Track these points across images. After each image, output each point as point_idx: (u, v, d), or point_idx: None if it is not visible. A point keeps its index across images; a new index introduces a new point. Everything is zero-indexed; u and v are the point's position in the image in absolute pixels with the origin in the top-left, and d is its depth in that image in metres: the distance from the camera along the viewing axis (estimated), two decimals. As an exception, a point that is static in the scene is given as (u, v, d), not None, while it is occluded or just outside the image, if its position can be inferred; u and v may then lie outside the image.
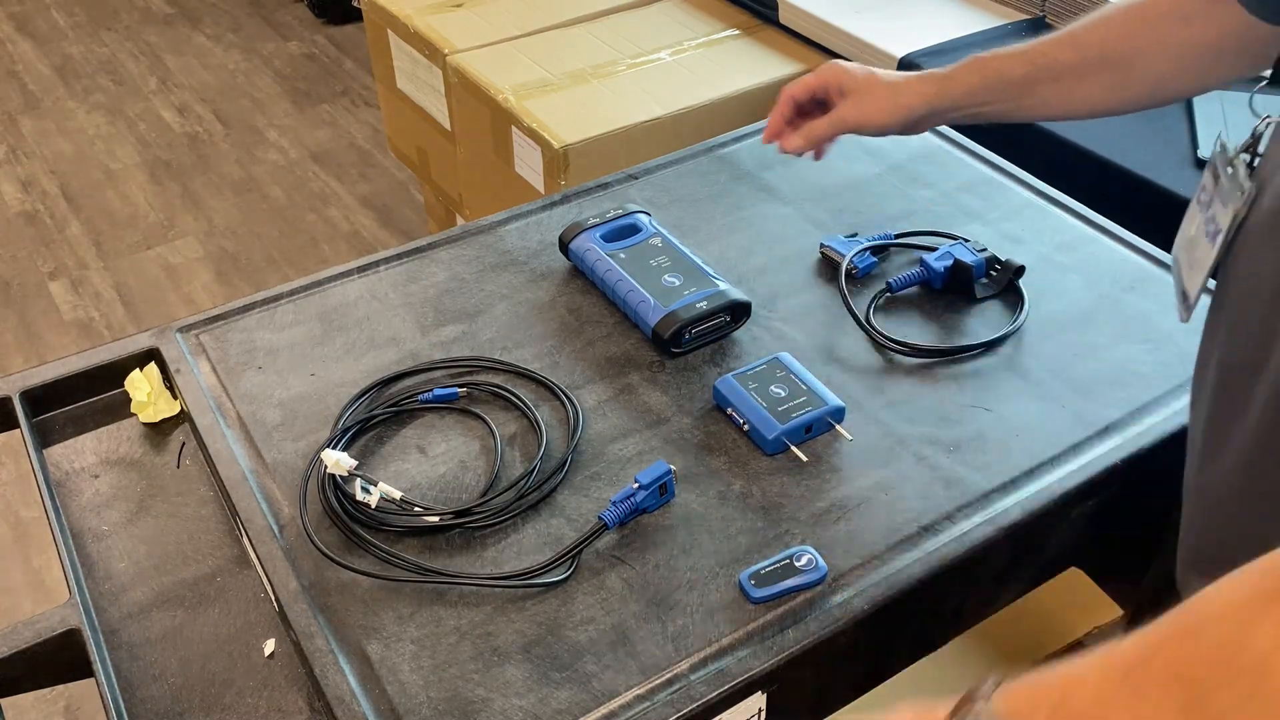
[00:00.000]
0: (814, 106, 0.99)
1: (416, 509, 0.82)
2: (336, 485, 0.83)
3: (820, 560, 0.77)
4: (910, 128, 0.95)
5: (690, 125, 1.67)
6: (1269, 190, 0.63)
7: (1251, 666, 0.34)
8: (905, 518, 0.82)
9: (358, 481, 0.83)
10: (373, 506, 0.82)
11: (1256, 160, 0.67)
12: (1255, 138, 0.68)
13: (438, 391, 0.92)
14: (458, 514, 0.82)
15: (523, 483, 0.84)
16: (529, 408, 0.91)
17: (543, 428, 0.89)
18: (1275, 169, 0.64)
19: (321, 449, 0.86)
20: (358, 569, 0.78)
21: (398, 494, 0.83)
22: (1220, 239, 0.67)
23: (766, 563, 0.78)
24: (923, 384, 0.94)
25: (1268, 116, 0.67)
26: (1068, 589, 1.01)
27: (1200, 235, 0.70)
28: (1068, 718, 0.40)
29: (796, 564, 0.77)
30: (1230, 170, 0.66)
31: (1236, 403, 0.63)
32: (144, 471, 0.91)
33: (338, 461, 0.83)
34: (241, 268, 2.53)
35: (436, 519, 0.81)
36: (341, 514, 0.82)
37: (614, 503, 0.81)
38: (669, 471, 0.82)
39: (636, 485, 0.81)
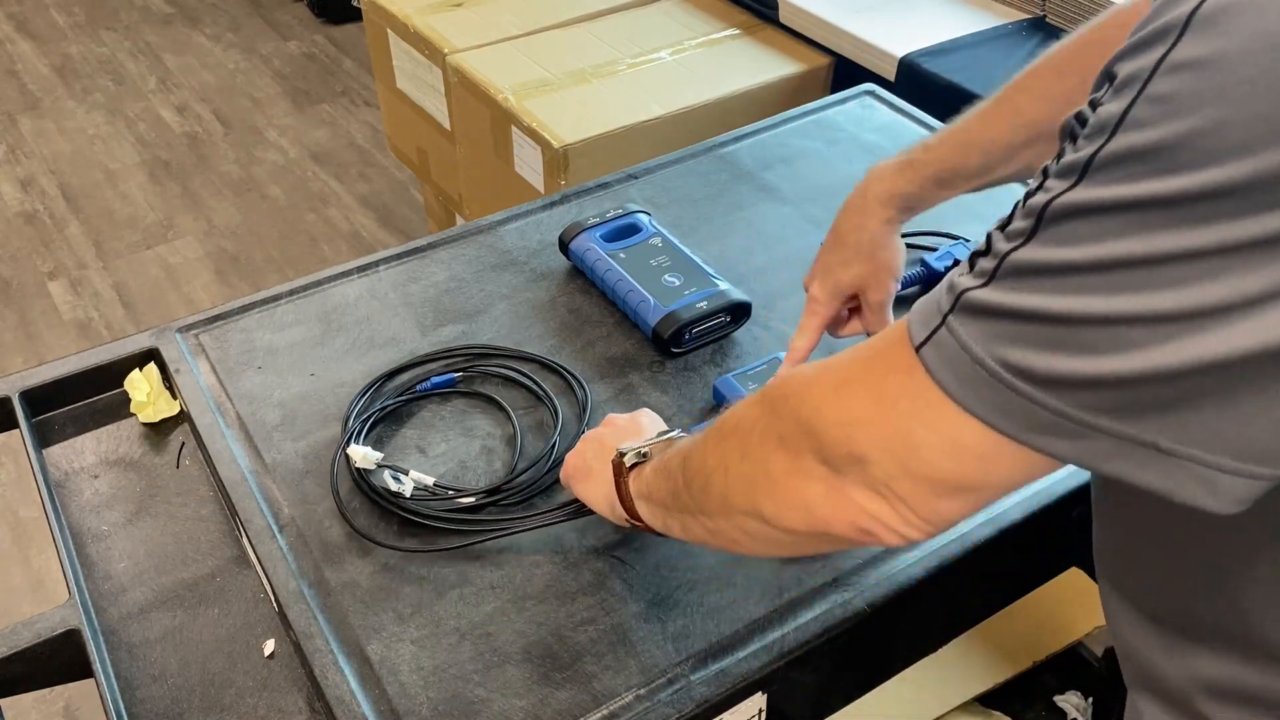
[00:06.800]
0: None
1: (450, 492, 0.84)
2: (365, 478, 0.84)
3: None
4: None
5: (690, 125, 1.67)
6: None
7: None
8: (905, 518, 0.82)
9: (385, 473, 0.84)
10: (407, 495, 0.83)
11: None
12: None
13: (435, 380, 0.93)
14: (489, 492, 0.84)
15: (544, 459, 0.86)
16: (538, 384, 0.93)
17: (556, 406, 0.91)
18: None
19: (344, 446, 0.86)
20: (402, 548, 0.80)
21: (430, 480, 0.84)
22: None
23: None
24: (923, 384, 0.94)
25: None
26: (1068, 589, 1.01)
27: None
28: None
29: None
30: None
31: None
32: (144, 471, 0.91)
33: (365, 455, 0.84)
34: (241, 268, 2.53)
35: (472, 499, 0.83)
36: (381, 504, 0.83)
37: None
38: (669, 471, 0.82)
39: (636, 485, 0.81)
